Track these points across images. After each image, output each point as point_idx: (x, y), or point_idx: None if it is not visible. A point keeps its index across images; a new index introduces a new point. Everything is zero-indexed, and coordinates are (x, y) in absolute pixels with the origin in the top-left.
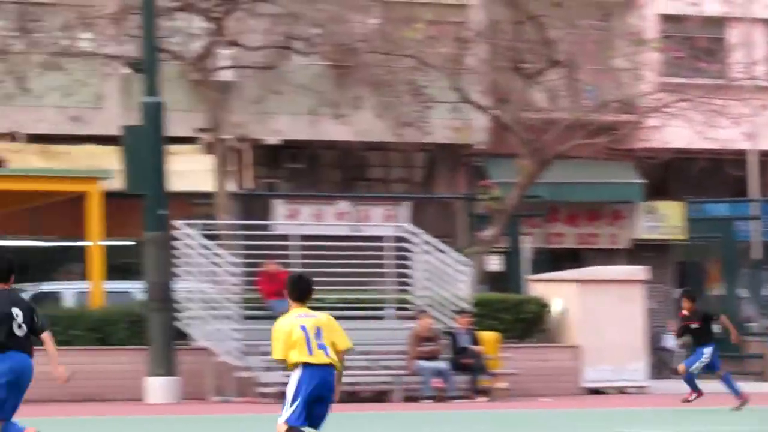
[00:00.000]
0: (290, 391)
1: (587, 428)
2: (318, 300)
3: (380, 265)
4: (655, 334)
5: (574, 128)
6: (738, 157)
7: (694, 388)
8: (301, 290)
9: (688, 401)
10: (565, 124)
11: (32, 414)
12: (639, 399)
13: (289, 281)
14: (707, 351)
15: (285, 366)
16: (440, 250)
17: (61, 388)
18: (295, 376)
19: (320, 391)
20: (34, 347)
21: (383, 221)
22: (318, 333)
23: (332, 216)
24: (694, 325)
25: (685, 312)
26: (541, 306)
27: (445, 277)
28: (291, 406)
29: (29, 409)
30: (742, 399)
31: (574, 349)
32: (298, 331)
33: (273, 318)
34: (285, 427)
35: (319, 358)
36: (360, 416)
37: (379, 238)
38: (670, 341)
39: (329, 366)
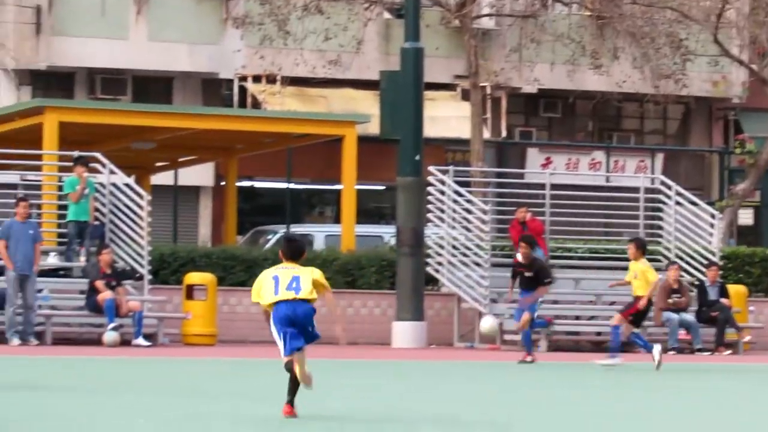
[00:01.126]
0: (273, 332)
1: None
2: (567, 249)
3: (631, 216)
4: None
5: None
6: None
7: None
8: (292, 251)
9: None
10: None
11: (275, 355)
12: None
13: (283, 241)
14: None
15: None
16: (692, 203)
17: None
18: (270, 319)
19: (291, 319)
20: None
21: (636, 172)
22: (294, 279)
23: (586, 166)
24: (528, 274)
25: (519, 258)
26: None
27: (696, 230)
28: (280, 341)
29: (271, 350)
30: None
31: None
32: (269, 281)
33: None
34: (286, 359)
35: (285, 295)
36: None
37: (631, 189)
38: None
39: (298, 300)
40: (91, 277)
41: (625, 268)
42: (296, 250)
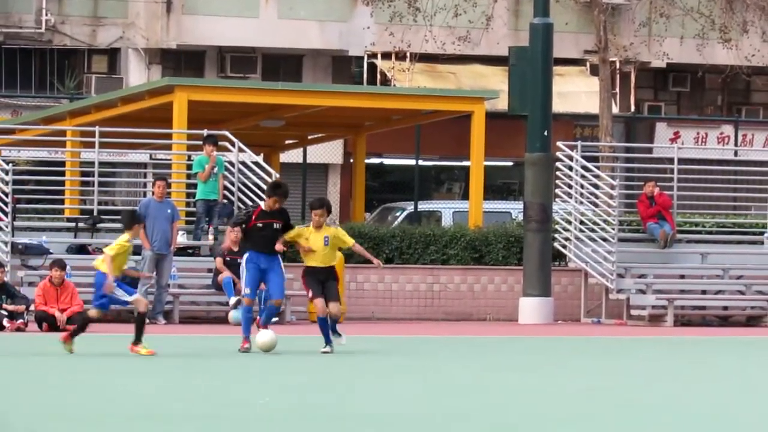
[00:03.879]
0: None
1: None
2: (694, 224)
3: (759, 190)
4: None
5: None
6: None
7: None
8: None
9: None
10: None
11: (402, 332)
12: None
13: None
14: None
15: None
16: None
17: (434, 308)
18: None
19: None
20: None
21: (765, 146)
22: None
23: (714, 140)
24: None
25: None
26: None
27: None
28: None
29: (398, 327)
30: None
31: None
32: None
33: (650, 240)
34: None
35: None
36: (732, 340)
37: (759, 163)
38: None
39: None
40: (218, 255)
41: (755, 242)
42: None
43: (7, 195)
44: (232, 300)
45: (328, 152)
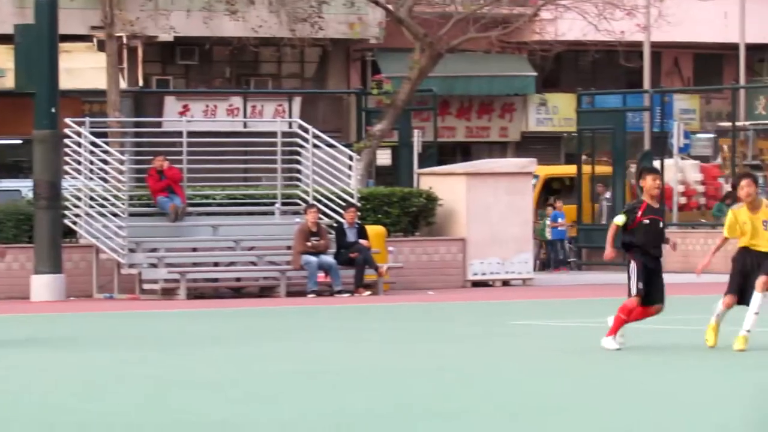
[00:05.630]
0: None
1: (474, 321)
2: (206, 197)
3: (270, 161)
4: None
5: (468, 22)
6: (631, 49)
7: None
8: None
9: None
10: (459, 18)
11: None
12: (524, 291)
13: None
14: None
15: None
16: (330, 145)
17: None
18: None
19: None
20: None
21: (275, 117)
22: None
23: (224, 112)
24: None
25: None
26: (429, 199)
27: (334, 172)
28: None
29: None
30: None
31: (461, 242)
32: None
33: (161, 214)
34: None
35: None
36: (245, 311)
37: (269, 134)
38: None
39: None
40: None
41: (266, 213)
42: None
43: None
44: None
45: None
